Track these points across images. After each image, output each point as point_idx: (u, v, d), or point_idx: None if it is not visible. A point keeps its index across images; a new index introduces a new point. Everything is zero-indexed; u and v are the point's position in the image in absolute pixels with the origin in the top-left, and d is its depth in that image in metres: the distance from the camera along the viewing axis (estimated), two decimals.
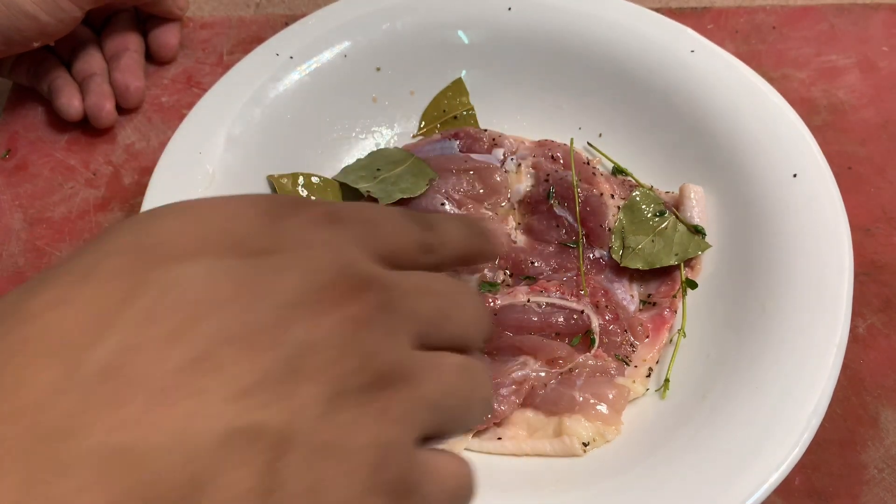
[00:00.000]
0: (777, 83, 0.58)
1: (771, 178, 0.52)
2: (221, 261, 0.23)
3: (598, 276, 0.53)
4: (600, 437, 0.46)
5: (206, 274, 0.22)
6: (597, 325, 0.51)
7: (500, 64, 0.61)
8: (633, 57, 0.58)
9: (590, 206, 0.54)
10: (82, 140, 0.64)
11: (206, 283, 0.22)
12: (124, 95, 0.64)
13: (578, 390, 0.48)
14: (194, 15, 0.71)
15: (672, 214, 0.54)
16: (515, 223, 0.55)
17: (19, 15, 0.56)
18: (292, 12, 0.71)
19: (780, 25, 0.68)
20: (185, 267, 0.22)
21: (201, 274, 0.22)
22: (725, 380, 0.46)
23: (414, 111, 0.62)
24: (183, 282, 0.22)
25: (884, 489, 0.47)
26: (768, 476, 0.41)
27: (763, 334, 0.46)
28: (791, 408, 0.43)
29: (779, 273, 0.48)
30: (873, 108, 0.62)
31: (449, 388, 0.26)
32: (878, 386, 0.50)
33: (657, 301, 0.52)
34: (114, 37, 0.66)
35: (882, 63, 0.65)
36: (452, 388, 0.26)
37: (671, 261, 0.52)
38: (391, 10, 0.61)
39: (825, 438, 0.48)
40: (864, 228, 0.56)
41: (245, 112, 0.57)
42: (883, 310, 0.53)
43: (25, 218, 0.60)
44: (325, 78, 0.59)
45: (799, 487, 0.47)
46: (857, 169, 0.59)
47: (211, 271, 0.22)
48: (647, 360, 0.50)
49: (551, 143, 0.58)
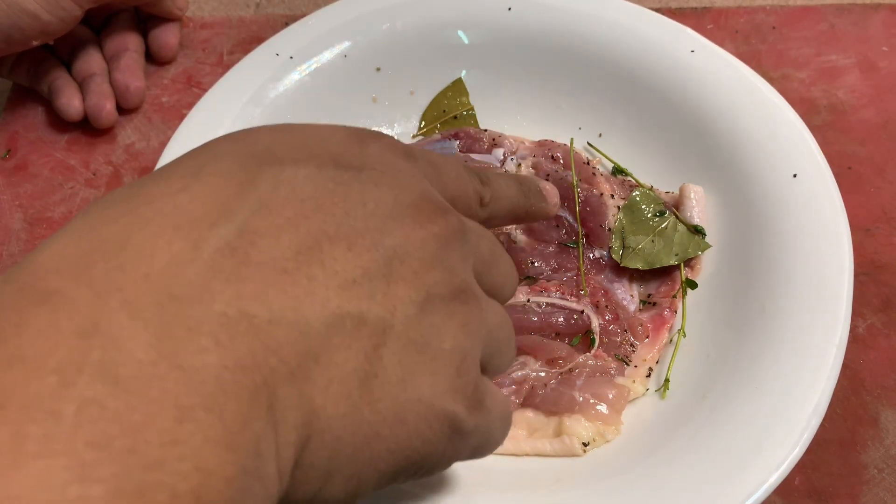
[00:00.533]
0: (777, 83, 0.58)
1: (771, 178, 0.52)
2: (323, 169, 0.25)
3: (598, 276, 0.53)
4: (600, 437, 0.46)
5: (312, 177, 0.24)
6: (597, 325, 0.51)
7: (500, 64, 0.61)
8: (633, 57, 0.58)
9: (590, 206, 0.54)
10: (82, 140, 0.64)
11: (313, 184, 0.24)
12: (124, 95, 0.64)
13: (578, 390, 0.48)
14: (194, 15, 0.71)
15: (672, 214, 0.54)
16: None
17: (20, 13, 0.56)
18: (292, 12, 0.71)
19: (780, 25, 0.68)
20: (292, 168, 0.24)
21: (308, 176, 0.24)
22: (725, 380, 0.46)
23: (414, 111, 0.62)
24: (292, 180, 0.24)
25: (884, 489, 0.47)
26: (768, 476, 0.41)
27: (763, 334, 0.46)
28: (791, 408, 0.43)
29: (779, 273, 0.48)
30: (873, 108, 0.62)
31: (500, 323, 0.28)
32: (878, 386, 0.50)
33: (657, 301, 0.52)
34: (114, 37, 0.66)
35: (882, 63, 0.65)
36: (502, 325, 0.28)
37: (671, 261, 0.52)
38: (391, 9, 0.61)
39: (825, 438, 0.48)
40: (864, 228, 0.56)
41: (245, 112, 0.57)
42: (883, 310, 0.53)
43: (25, 218, 0.60)
44: (325, 78, 0.59)
45: (799, 487, 0.47)
46: (857, 169, 0.59)
47: (316, 175, 0.24)
48: (647, 360, 0.50)
49: (551, 143, 0.58)
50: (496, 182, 0.32)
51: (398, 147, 0.28)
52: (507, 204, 0.33)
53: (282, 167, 0.24)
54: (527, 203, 0.34)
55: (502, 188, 0.32)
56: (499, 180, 0.32)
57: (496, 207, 0.32)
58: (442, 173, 0.29)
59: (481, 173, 0.32)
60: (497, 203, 0.32)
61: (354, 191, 0.24)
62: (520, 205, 0.33)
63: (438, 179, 0.29)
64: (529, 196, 0.34)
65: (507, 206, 0.33)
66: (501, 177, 0.33)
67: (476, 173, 0.31)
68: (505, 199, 0.32)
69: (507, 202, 0.33)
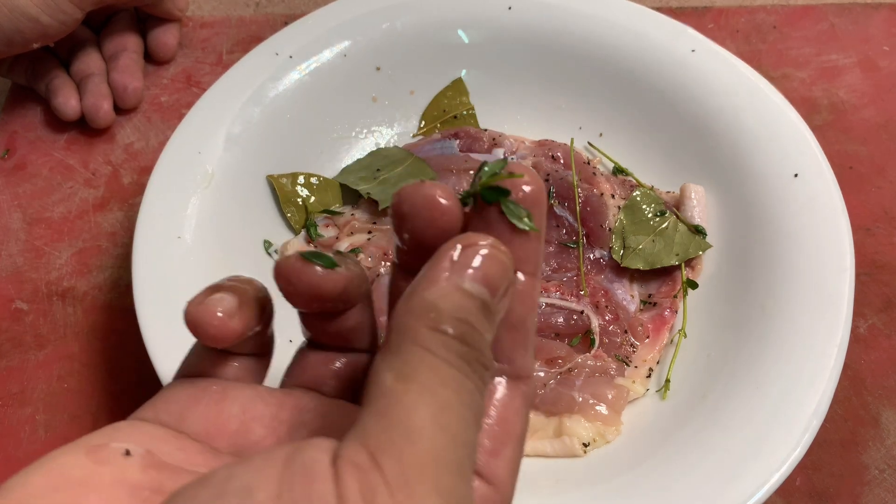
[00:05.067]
0: (778, 83, 0.58)
1: (772, 177, 0.51)
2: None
3: (598, 277, 0.53)
4: (600, 437, 0.46)
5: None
6: (596, 325, 0.50)
7: (500, 63, 0.61)
8: (633, 56, 0.58)
9: (590, 206, 0.54)
10: (81, 140, 0.64)
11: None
12: (122, 96, 0.63)
13: (578, 390, 0.48)
14: (194, 14, 0.71)
15: (673, 214, 0.54)
16: None
17: (21, 17, 0.55)
18: (292, 11, 0.71)
19: (780, 25, 0.68)
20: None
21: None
22: (726, 380, 0.46)
23: (414, 111, 0.62)
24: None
25: (885, 490, 0.47)
26: (769, 476, 0.40)
27: (764, 334, 0.46)
28: (792, 408, 0.42)
29: (780, 273, 0.48)
30: (874, 108, 0.62)
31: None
32: (880, 386, 0.50)
33: (658, 301, 0.52)
34: (113, 37, 0.66)
35: (883, 62, 0.65)
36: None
37: (672, 261, 0.52)
38: (391, 9, 0.61)
39: (826, 439, 0.48)
40: (865, 228, 0.56)
41: (244, 111, 0.56)
42: (884, 310, 0.53)
43: (24, 218, 0.60)
44: (325, 77, 0.59)
45: (800, 488, 0.47)
46: (857, 168, 0.59)
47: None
48: (648, 361, 0.50)
49: (551, 142, 0.58)
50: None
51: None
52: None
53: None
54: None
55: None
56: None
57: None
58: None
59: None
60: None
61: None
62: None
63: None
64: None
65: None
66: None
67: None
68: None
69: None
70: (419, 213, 0.26)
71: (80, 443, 0.26)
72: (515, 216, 0.26)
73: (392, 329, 0.24)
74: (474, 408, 0.23)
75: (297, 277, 0.27)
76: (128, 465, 0.25)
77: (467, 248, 0.24)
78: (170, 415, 0.28)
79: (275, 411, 0.28)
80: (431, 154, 0.58)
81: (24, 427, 0.51)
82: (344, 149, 0.60)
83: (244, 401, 0.28)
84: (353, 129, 0.60)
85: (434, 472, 0.21)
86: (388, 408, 0.22)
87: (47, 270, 0.58)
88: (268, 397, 0.29)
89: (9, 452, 0.50)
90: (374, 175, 0.57)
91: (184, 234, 0.51)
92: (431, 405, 0.22)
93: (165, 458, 0.26)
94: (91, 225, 0.60)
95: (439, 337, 0.23)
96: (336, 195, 0.57)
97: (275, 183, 0.56)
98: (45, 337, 0.55)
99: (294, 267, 0.27)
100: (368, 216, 0.55)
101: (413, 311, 0.24)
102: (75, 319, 0.55)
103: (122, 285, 0.56)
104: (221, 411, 0.28)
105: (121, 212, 0.60)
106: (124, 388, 0.52)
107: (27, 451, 0.50)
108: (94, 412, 0.52)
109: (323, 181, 0.57)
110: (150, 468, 0.25)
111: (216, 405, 0.28)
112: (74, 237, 0.59)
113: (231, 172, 0.55)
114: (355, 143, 0.60)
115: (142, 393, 0.52)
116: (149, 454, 0.26)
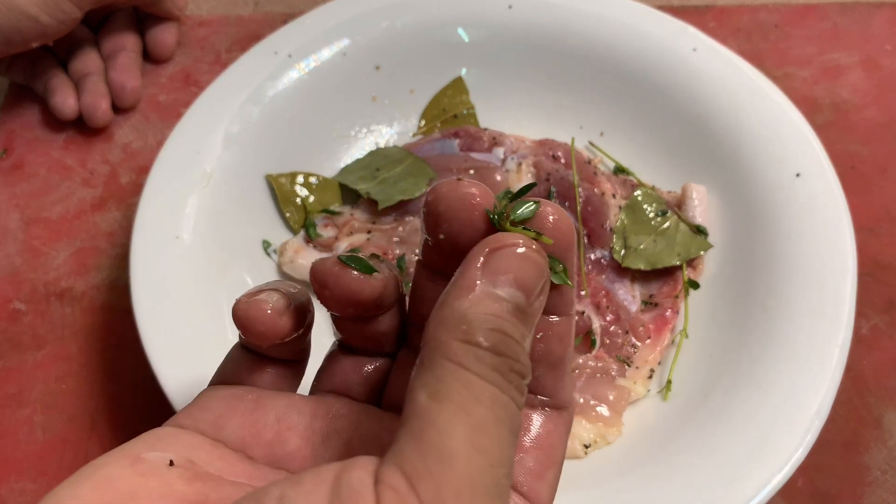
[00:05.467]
0: (780, 82, 0.58)
1: (774, 177, 0.51)
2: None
3: (599, 277, 0.52)
4: (601, 438, 0.46)
5: None
6: (597, 325, 0.50)
7: (500, 62, 0.61)
8: (634, 55, 0.58)
9: (591, 206, 0.54)
10: (79, 139, 0.64)
11: None
12: (120, 95, 0.63)
13: (579, 391, 0.47)
14: (192, 13, 0.71)
15: (674, 214, 0.53)
16: None
17: (20, 16, 0.55)
18: (291, 10, 0.71)
19: (782, 24, 0.67)
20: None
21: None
22: (728, 381, 0.45)
23: (414, 110, 0.61)
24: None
25: (887, 491, 0.46)
26: (771, 478, 0.40)
27: (766, 335, 0.46)
28: (794, 409, 0.42)
29: (781, 273, 0.48)
30: (877, 107, 0.62)
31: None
32: (882, 387, 0.50)
33: (659, 301, 0.52)
34: (111, 36, 0.66)
35: (885, 62, 0.64)
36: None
37: (673, 261, 0.52)
38: (391, 8, 0.60)
39: (828, 440, 0.48)
40: (868, 228, 0.56)
41: (243, 111, 0.56)
42: (886, 310, 0.53)
43: (22, 217, 0.60)
44: (324, 76, 0.59)
45: (802, 489, 0.46)
46: (860, 168, 0.59)
47: None
48: (649, 362, 0.49)
49: (552, 142, 0.57)
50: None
51: None
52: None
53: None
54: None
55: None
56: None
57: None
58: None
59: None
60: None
61: None
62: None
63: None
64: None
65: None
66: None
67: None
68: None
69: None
70: (456, 214, 0.25)
71: (123, 452, 0.26)
72: (550, 271, 0.25)
73: (425, 343, 0.23)
74: (509, 422, 0.23)
75: (334, 282, 0.27)
76: (173, 476, 0.25)
77: (497, 250, 0.24)
78: (207, 423, 0.28)
79: (308, 420, 0.28)
80: (431, 153, 0.57)
81: (22, 428, 0.51)
82: (343, 148, 0.60)
83: (279, 410, 0.28)
84: (353, 129, 0.60)
85: (470, 497, 0.21)
86: (422, 430, 0.22)
87: (45, 270, 0.57)
88: (302, 406, 0.29)
89: (7, 453, 0.50)
90: (373, 175, 0.56)
91: (182, 234, 0.51)
92: (466, 425, 0.22)
93: (206, 467, 0.26)
94: (89, 225, 0.59)
95: (472, 350, 0.23)
96: (335, 195, 0.57)
97: (274, 182, 0.56)
98: (43, 337, 0.54)
99: (332, 271, 0.27)
100: (368, 216, 0.55)
101: (444, 324, 0.23)
102: (73, 320, 0.55)
103: (121, 286, 0.56)
104: (257, 420, 0.28)
105: (119, 212, 0.60)
106: (122, 389, 0.52)
107: (25, 451, 0.50)
108: (93, 413, 0.51)
109: (322, 181, 0.57)
110: (194, 480, 0.25)
111: (251, 414, 0.28)
112: (72, 237, 0.59)
113: (230, 172, 0.54)
114: (355, 142, 0.60)
115: (140, 394, 0.52)
116: (190, 464, 0.26)
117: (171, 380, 0.45)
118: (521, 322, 0.24)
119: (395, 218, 0.55)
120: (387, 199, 0.54)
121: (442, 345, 0.23)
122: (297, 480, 0.22)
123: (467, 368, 0.22)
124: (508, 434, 0.23)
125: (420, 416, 0.22)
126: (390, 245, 0.53)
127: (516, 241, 0.24)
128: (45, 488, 0.49)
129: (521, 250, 0.24)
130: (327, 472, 0.22)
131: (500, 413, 0.22)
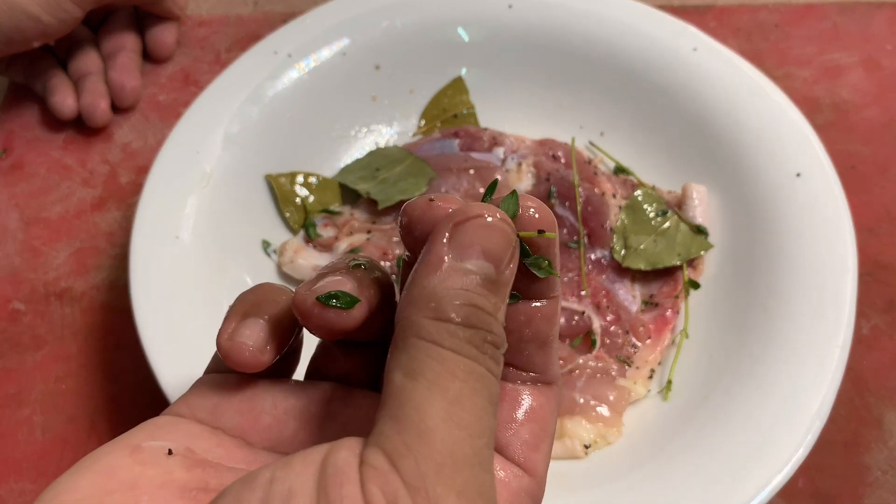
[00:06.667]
0: (780, 81, 0.58)
1: (774, 177, 0.51)
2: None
3: (599, 277, 0.52)
4: (602, 438, 0.46)
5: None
6: (598, 325, 0.50)
7: (500, 62, 0.61)
8: (635, 55, 0.58)
9: (591, 206, 0.54)
10: (79, 139, 0.64)
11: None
12: (120, 95, 0.63)
13: (579, 392, 0.47)
14: (192, 13, 0.71)
15: (674, 214, 0.53)
16: None
17: (21, 16, 0.55)
18: (291, 10, 0.71)
19: (782, 23, 0.67)
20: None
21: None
22: (728, 381, 0.45)
23: (413, 110, 0.61)
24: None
25: (888, 491, 0.46)
26: (772, 478, 0.40)
27: (766, 335, 0.46)
28: (794, 409, 0.42)
29: (782, 273, 0.48)
30: (877, 107, 0.62)
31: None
32: (882, 387, 0.50)
33: (659, 301, 0.51)
34: (111, 36, 0.65)
35: (886, 61, 0.64)
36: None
37: (673, 261, 0.51)
38: (390, 7, 0.60)
39: (828, 440, 0.47)
40: (868, 228, 0.56)
41: (243, 110, 0.56)
42: (887, 310, 0.52)
43: (21, 217, 0.60)
44: (324, 76, 0.59)
45: (802, 489, 0.46)
46: (860, 168, 0.59)
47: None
48: (649, 362, 0.49)
49: (552, 141, 0.57)
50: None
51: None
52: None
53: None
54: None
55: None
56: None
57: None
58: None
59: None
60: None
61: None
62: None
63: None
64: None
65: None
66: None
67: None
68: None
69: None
70: (426, 230, 0.25)
71: (122, 441, 0.26)
72: (536, 267, 0.26)
73: (397, 323, 0.23)
74: (486, 392, 0.23)
75: (315, 319, 0.26)
76: (172, 464, 0.25)
77: (461, 223, 0.24)
78: (204, 411, 0.28)
79: (305, 405, 0.28)
80: (431, 153, 0.57)
81: (21, 428, 0.51)
82: (343, 148, 0.60)
83: (275, 396, 0.29)
84: (353, 129, 0.60)
85: (451, 470, 0.21)
86: (399, 409, 0.22)
87: (45, 270, 0.57)
88: (298, 392, 0.29)
89: (6, 453, 0.50)
90: (373, 174, 0.56)
91: (181, 234, 0.51)
92: (442, 400, 0.22)
93: (205, 455, 0.26)
94: (89, 225, 0.59)
95: (443, 326, 0.23)
96: (335, 195, 0.57)
97: (273, 182, 0.56)
98: (43, 337, 0.54)
99: (312, 310, 0.26)
100: (368, 216, 0.55)
101: (414, 303, 0.23)
102: (73, 320, 0.55)
103: (120, 285, 0.56)
104: (254, 407, 0.28)
105: (118, 211, 0.60)
106: (122, 389, 0.52)
107: (25, 452, 0.50)
108: (92, 413, 0.51)
109: (322, 181, 0.57)
110: (194, 467, 0.25)
111: (248, 401, 0.28)
112: (72, 237, 0.59)
113: (229, 172, 0.54)
114: (354, 142, 0.60)
115: (140, 394, 0.52)
116: (189, 452, 0.26)
117: (171, 380, 0.45)
118: (493, 292, 0.24)
119: (395, 218, 0.55)
120: (387, 199, 0.54)
121: (413, 324, 0.23)
122: (287, 462, 0.22)
123: (440, 345, 0.22)
124: (487, 404, 0.23)
125: (397, 395, 0.22)
126: (390, 245, 0.53)
127: (480, 213, 0.24)
128: (44, 489, 0.49)
129: (487, 220, 0.24)
130: (315, 454, 0.22)
131: (476, 384, 0.22)
